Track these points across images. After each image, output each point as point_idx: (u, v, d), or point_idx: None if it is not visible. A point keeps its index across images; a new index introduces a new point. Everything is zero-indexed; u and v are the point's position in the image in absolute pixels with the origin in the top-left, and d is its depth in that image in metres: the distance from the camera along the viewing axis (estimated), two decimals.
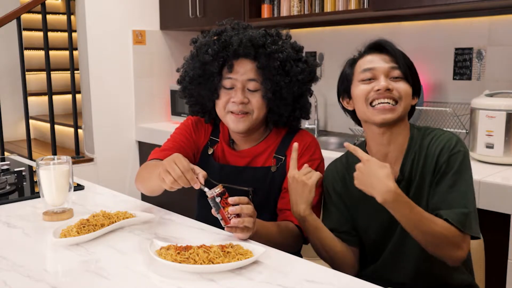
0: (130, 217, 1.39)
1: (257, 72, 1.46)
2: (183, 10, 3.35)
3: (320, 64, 1.60)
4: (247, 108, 1.48)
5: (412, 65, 1.35)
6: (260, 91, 1.48)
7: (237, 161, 1.56)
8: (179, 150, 1.54)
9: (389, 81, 1.31)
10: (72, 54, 3.35)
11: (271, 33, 1.51)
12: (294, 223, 1.46)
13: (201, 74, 1.50)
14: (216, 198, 1.24)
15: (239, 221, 1.23)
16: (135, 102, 3.49)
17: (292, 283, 1.05)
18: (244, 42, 1.44)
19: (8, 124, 3.78)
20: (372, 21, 2.77)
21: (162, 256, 1.12)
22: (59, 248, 1.25)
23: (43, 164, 1.43)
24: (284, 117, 1.54)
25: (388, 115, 1.30)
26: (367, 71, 1.34)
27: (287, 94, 1.48)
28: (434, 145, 1.31)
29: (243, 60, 1.47)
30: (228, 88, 1.49)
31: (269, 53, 1.45)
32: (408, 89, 1.32)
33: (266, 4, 3.01)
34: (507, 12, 2.31)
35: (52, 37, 4.22)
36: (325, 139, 2.94)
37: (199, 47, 1.51)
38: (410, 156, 1.34)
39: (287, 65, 1.47)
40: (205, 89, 1.52)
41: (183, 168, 1.25)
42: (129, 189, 3.45)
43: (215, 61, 1.46)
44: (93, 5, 3.24)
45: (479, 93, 2.20)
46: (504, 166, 2.01)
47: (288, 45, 1.51)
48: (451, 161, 1.28)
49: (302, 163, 1.48)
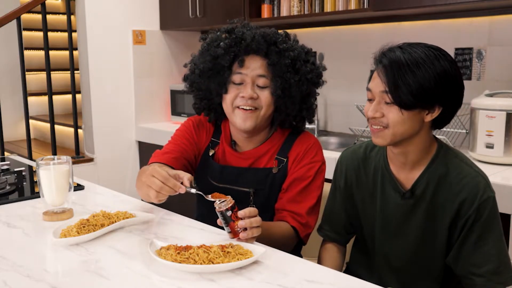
0: (130, 217, 1.39)
1: (268, 68, 1.47)
2: (183, 10, 3.35)
3: (326, 69, 1.60)
4: (255, 103, 1.48)
5: (422, 86, 1.18)
6: (269, 88, 1.48)
7: (239, 163, 1.56)
8: (180, 152, 1.54)
9: (380, 107, 1.23)
10: (72, 54, 3.35)
11: (281, 33, 1.53)
12: (290, 223, 1.46)
13: (211, 68, 1.50)
14: (227, 212, 1.22)
15: (248, 235, 1.22)
16: (135, 102, 3.49)
17: (292, 283, 1.05)
18: (257, 37, 1.45)
19: (8, 124, 3.78)
20: (372, 21, 2.78)
21: (162, 256, 1.12)
22: (59, 248, 1.25)
23: (43, 164, 1.43)
24: (290, 116, 1.54)
25: (377, 139, 1.26)
26: (368, 90, 1.28)
27: (295, 93, 1.49)
28: (460, 185, 1.26)
29: (254, 56, 1.48)
30: (238, 83, 1.49)
31: (280, 50, 1.46)
32: (397, 117, 1.21)
33: (266, 4, 3.01)
34: (507, 12, 2.31)
35: (52, 37, 4.22)
36: (325, 139, 2.94)
37: (210, 41, 1.52)
38: (427, 176, 1.29)
39: (297, 63, 1.48)
40: (214, 83, 1.51)
41: (162, 177, 1.26)
42: (129, 189, 3.45)
43: (227, 55, 1.47)
44: (93, 5, 3.24)
45: (479, 93, 2.20)
46: (504, 166, 2.01)
47: (298, 45, 1.53)
48: (480, 210, 1.23)
49: (304, 165, 1.50)
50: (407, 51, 1.20)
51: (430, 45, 1.24)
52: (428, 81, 1.17)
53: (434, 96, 1.19)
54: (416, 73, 1.17)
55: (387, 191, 1.34)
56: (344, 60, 2.97)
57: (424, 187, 1.29)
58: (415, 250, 1.33)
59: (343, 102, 3.01)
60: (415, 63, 1.18)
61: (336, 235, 1.50)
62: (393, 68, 1.19)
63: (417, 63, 1.17)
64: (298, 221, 1.47)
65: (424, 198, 1.29)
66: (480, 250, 1.24)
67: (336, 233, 1.50)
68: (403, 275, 1.37)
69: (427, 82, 1.17)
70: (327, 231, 1.51)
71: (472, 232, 1.24)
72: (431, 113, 1.23)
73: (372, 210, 1.39)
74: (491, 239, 1.24)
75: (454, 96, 1.23)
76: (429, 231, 1.30)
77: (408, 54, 1.19)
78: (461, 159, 1.29)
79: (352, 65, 2.93)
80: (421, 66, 1.17)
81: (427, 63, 1.17)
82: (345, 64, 2.97)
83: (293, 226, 1.46)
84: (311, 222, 1.49)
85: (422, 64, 1.17)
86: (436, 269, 1.33)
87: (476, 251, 1.25)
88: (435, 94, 1.19)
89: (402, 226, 1.33)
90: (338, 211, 1.47)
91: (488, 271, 1.23)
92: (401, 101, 1.19)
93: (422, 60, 1.18)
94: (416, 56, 1.19)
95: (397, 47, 1.23)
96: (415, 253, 1.33)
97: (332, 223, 1.49)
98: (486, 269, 1.24)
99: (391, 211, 1.34)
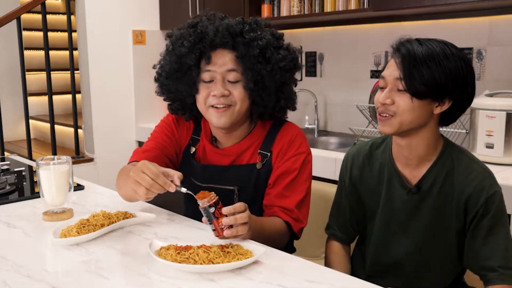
0: (130, 217, 1.39)
1: (237, 62, 1.40)
2: (183, 10, 3.35)
3: (301, 52, 1.56)
4: (228, 100, 1.41)
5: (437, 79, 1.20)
6: (241, 82, 1.41)
7: (221, 160, 1.51)
8: (161, 150, 1.50)
9: (391, 94, 1.24)
10: (72, 54, 3.35)
11: (248, 21, 1.45)
12: (282, 218, 1.43)
13: (178, 69, 1.44)
14: (210, 208, 1.17)
15: (232, 232, 1.17)
16: (135, 102, 3.49)
17: (292, 283, 1.05)
18: (221, 31, 1.38)
19: (8, 124, 3.78)
20: (372, 21, 2.77)
21: (162, 256, 1.12)
22: (59, 248, 1.25)
23: (43, 164, 1.43)
24: (269, 108, 1.47)
25: (385, 128, 1.27)
26: (382, 78, 1.28)
27: (269, 83, 1.42)
28: (466, 180, 1.26)
29: (221, 50, 1.41)
30: (207, 81, 1.42)
31: (247, 41, 1.39)
32: (407, 104, 1.22)
33: (266, 4, 3.01)
34: (507, 12, 2.31)
35: (52, 37, 4.22)
36: (325, 139, 2.94)
37: (175, 40, 1.45)
38: (434, 172, 1.30)
39: (268, 52, 1.40)
40: (183, 84, 1.45)
41: (153, 174, 1.20)
42: None
43: (192, 53, 1.40)
44: (93, 5, 3.24)
45: (479, 93, 2.19)
46: (504, 166, 2.00)
47: (268, 32, 1.44)
48: (489, 205, 1.24)
49: (289, 157, 1.46)
50: (425, 44, 1.22)
51: (447, 42, 1.25)
52: (442, 77, 1.19)
53: (446, 90, 1.22)
54: (431, 67, 1.19)
55: (393, 187, 1.34)
56: (344, 60, 2.97)
57: (431, 183, 1.29)
58: (421, 246, 1.33)
59: (343, 102, 3.01)
60: (431, 57, 1.20)
61: (343, 234, 1.49)
62: (410, 58, 1.21)
63: (433, 57, 1.20)
64: (290, 216, 1.43)
65: (431, 193, 1.30)
66: (490, 244, 1.25)
67: (343, 232, 1.48)
68: (408, 272, 1.37)
69: (440, 77, 1.19)
70: (334, 230, 1.50)
71: (482, 227, 1.25)
72: (440, 105, 1.24)
73: (377, 207, 1.39)
74: (500, 234, 1.25)
75: (466, 93, 1.25)
76: (436, 227, 1.30)
77: (426, 47, 1.22)
78: (467, 155, 1.31)
79: (352, 65, 2.93)
80: (436, 61, 1.19)
81: (442, 59, 1.20)
82: (345, 64, 2.96)
83: (286, 221, 1.42)
84: (302, 216, 1.45)
85: (437, 60, 1.20)
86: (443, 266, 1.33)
87: (487, 246, 1.25)
88: (447, 89, 1.21)
89: (408, 222, 1.33)
90: (344, 209, 1.47)
91: (500, 265, 1.24)
92: (414, 89, 1.20)
93: (438, 55, 1.20)
94: (432, 50, 1.21)
95: (415, 40, 1.25)
96: (421, 249, 1.33)
97: (339, 221, 1.49)
98: (499, 264, 1.24)
99: (397, 207, 1.34)
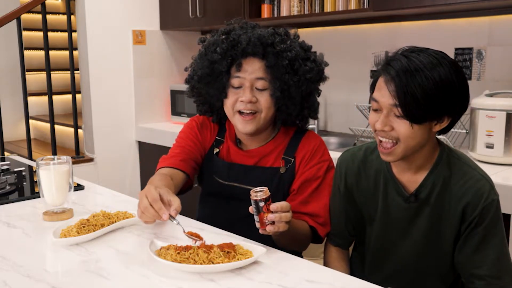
0: (130, 217, 1.39)
1: (266, 71, 1.46)
2: (183, 10, 3.35)
3: (328, 64, 1.58)
4: (255, 107, 1.46)
5: (431, 95, 1.16)
6: (268, 90, 1.46)
7: (245, 160, 1.55)
8: (187, 154, 1.54)
9: (389, 120, 1.21)
10: (72, 54, 3.35)
11: (279, 32, 1.50)
12: (308, 223, 1.46)
13: (209, 73, 1.49)
14: (260, 202, 1.21)
15: (274, 228, 1.21)
16: (135, 102, 3.49)
17: (292, 283, 1.05)
18: (253, 40, 1.43)
19: (8, 124, 3.78)
20: (372, 21, 2.77)
21: (162, 256, 1.12)
22: (59, 248, 1.25)
23: (43, 164, 1.43)
24: (292, 116, 1.53)
25: (389, 157, 1.25)
26: (374, 101, 1.25)
27: (295, 93, 1.47)
28: (464, 188, 1.25)
29: (251, 59, 1.46)
30: (237, 87, 1.47)
31: (277, 51, 1.44)
32: (408, 131, 1.19)
33: (266, 4, 3.01)
34: (507, 12, 2.31)
35: (52, 37, 4.22)
36: (325, 139, 2.93)
37: (208, 46, 1.51)
38: (431, 180, 1.28)
39: (296, 64, 1.46)
40: (213, 88, 1.51)
41: (151, 199, 1.23)
42: (129, 189, 3.45)
43: (224, 59, 1.46)
44: (93, 5, 3.24)
45: (479, 93, 2.20)
46: (504, 166, 2.01)
47: (297, 44, 1.50)
48: (484, 214, 1.22)
49: (313, 165, 1.49)
50: (411, 59, 1.18)
51: (435, 50, 1.21)
52: (431, 88, 1.15)
53: (440, 105, 1.18)
54: (418, 79, 1.15)
55: (390, 195, 1.33)
56: (344, 60, 2.97)
57: (429, 191, 1.28)
58: (419, 253, 1.32)
59: (343, 102, 3.01)
60: (418, 69, 1.16)
61: (339, 239, 1.49)
62: (401, 78, 1.16)
63: (420, 69, 1.16)
64: (316, 221, 1.46)
65: (429, 201, 1.28)
66: (481, 253, 1.24)
67: (339, 237, 1.48)
68: (405, 279, 1.36)
69: (430, 88, 1.15)
70: (330, 235, 1.50)
71: (475, 235, 1.24)
72: (439, 123, 1.22)
73: (374, 214, 1.38)
74: (493, 243, 1.23)
75: (460, 103, 1.23)
76: (434, 235, 1.29)
77: (412, 61, 1.17)
78: (465, 161, 1.29)
79: (352, 65, 2.93)
80: (422, 72, 1.16)
81: (428, 69, 1.16)
82: (345, 64, 2.96)
83: (312, 226, 1.45)
84: (328, 220, 1.48)
85: (423, 70, 1.16)
86: (440, 272, 1.33)
87: (477, 254, 1.24)
88: (442, 104, 1.17)
89: (406, 230, 1.32)
90: (339, 215, 1.46)
91: (489, 274, 1.23)
92: (412, 116, 1.17)
93: (424, 66, 1.16)
94: (418, 62, 1.17)
95: (401, 54, 1.21)
96: (419, 256, 1.32)
97: (335, 227, 1.48)
98: (487, 273, 1.23)
99: (395, 215, 1.33)
